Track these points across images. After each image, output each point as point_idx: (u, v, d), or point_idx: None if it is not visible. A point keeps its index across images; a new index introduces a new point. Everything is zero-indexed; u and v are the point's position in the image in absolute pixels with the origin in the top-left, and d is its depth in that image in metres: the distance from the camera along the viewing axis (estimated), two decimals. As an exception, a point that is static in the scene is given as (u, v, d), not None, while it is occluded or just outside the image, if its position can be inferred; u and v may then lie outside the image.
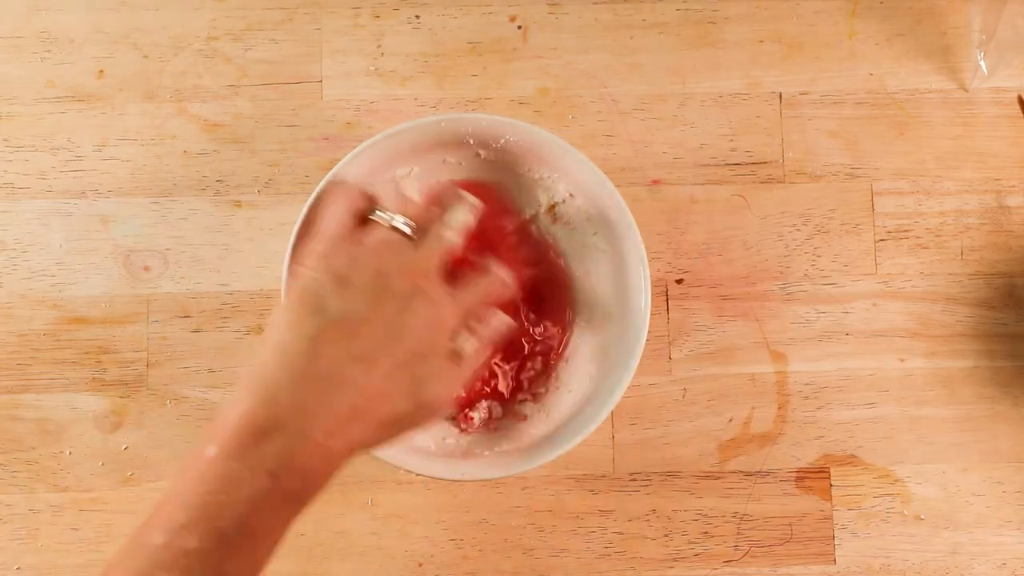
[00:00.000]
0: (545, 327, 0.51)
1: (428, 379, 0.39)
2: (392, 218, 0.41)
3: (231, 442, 0.35)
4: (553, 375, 0.51)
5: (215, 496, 0.34)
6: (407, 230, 0.41)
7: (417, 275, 0.40)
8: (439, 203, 0.43)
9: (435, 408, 0.40)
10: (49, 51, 0.54)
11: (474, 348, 0.42)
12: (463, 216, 0.43)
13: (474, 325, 0.42)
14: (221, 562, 0.34)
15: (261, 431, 0.35)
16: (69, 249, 0.53)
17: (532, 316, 0.51)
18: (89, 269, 0.53)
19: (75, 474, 0.52)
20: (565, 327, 0.51)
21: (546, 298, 0.51)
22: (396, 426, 0.39)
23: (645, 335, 0.46)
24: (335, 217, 0.42)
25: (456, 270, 0.46)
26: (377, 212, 0.42)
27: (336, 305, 0.38)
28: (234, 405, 0.36)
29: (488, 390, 0.50)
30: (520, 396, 0.50)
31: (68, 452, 0.52)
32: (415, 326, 0.39)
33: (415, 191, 0.42)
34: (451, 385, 0.41)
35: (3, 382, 0.52)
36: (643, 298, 0.47)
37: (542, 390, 0.50)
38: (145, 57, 0.55)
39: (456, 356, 0.41)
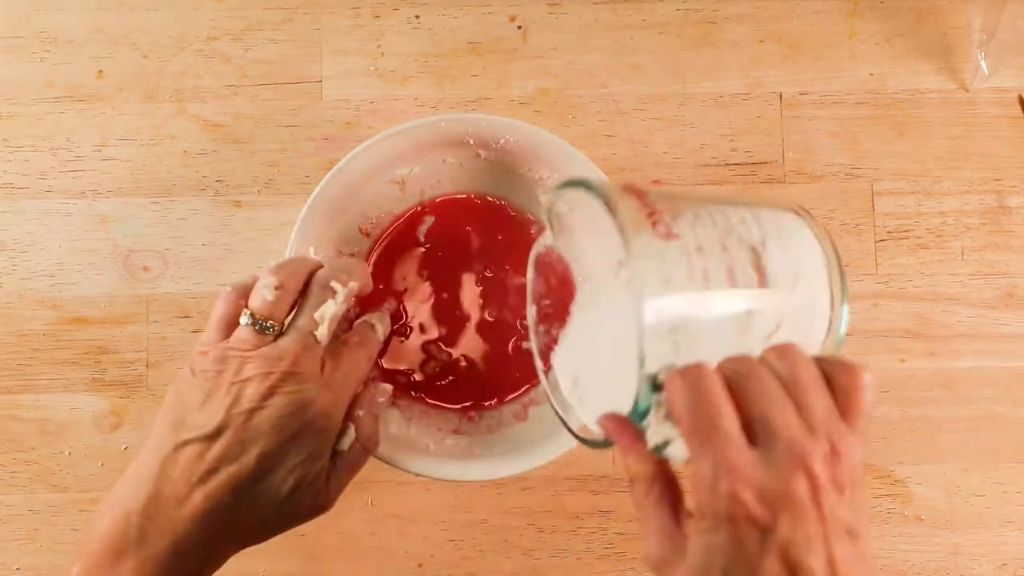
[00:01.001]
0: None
1: (287, 485, 0.39)
2: (248, 318, 0.40)
3: (90, 561, 0.37)
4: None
5: None
6: (265, 330, 0.40)
7: (274, 376, 0.39)
8: (304, 294, 0.42)
9: (305, 511, 0.40)
10: (48, 51, 0.54)
11: (351, 440, 0.42)
12: (329, 308, 0.42)
13: (356, 413, 0.42)
14: None
15: (114, 551, 0.36)
16: (69, 249, 0.53)
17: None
18: (89, 269, 0.53)
19: (75, 474, 0.52)
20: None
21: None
22: (262, 531, 0.39)
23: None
24: (214, 317, 0.41)
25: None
26: (243, 312, 0.41)
27: (192, 420, 0.38)
28: (95, 522, 0.37)
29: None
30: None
31: (68, 452, 0.52)
32: (268, 433, 0.38)
33: (282, 277, 0.41)
34: (323, 485, 0.40)
35: (3, 382, 0.52)
36: (643, 298, 0.47)
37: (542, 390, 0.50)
38: (145, 57, 0.54)
39: (325, 453, 0.40)
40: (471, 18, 0.55)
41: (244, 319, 0.40)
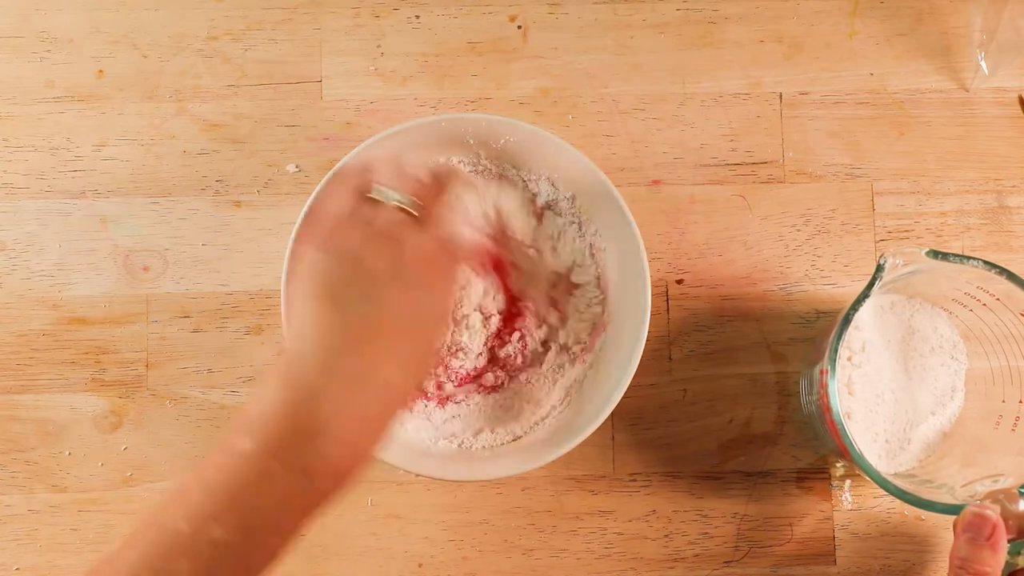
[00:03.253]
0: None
1: (433, 362, 0.40)
2: (398, 197, 0.39)
3: (270, 440, 0.34)
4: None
5: (249, 490, 0.33)
6: (412, 210, 0.39)
7: (433, 259, 0.39)
8: (439, 183, 0.42)
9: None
10: (48, 51, 0.54)
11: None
12: (465, 196, 0.44)
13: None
14: (246, 555, 0.33)
15: (303, 432, 0.34)
16: (69, 249, 0.53)
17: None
18: (88, 269, 0.53)
19: (74, 474, 0.52)
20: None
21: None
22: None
23: (645, 335, 0.46)
24: (339, 198, 0.40)
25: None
26: (379, 189, 0.39)
27: (361, 296, 0.37)
28: (271, 401, 0.35)
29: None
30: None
31: (67, 452, 0.52)
32: (437, 317, 0.40)
33: (413, 168, 0.41)
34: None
35: (3, 382, 0.52)
36: (643, 298, 0.47)
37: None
38: (145, 57, 0.54)
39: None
40: (471, 18, 0.55)
41: (396, 199, 0.39)
